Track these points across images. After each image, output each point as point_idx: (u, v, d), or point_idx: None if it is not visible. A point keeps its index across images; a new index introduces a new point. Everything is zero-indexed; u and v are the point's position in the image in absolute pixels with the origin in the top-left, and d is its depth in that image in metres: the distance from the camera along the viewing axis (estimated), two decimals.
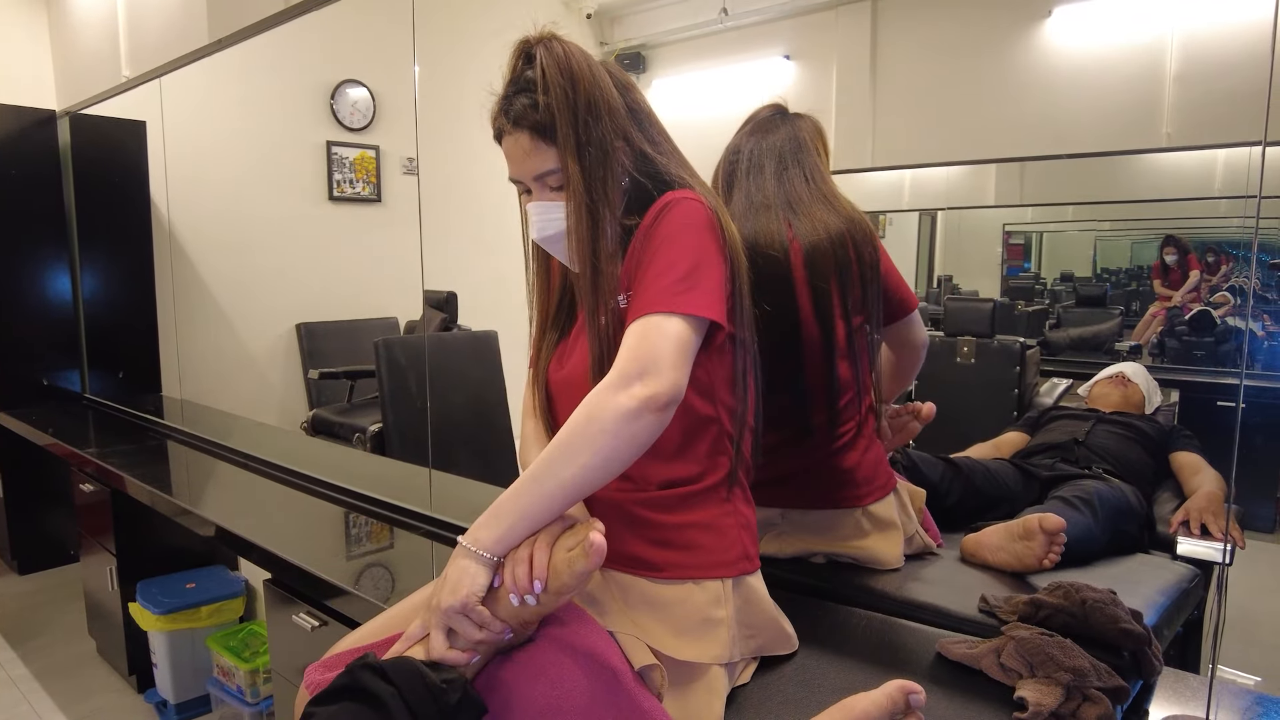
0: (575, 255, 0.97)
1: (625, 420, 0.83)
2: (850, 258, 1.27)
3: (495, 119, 0.99)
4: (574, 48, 0.97)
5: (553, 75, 0.93)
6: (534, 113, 0.94)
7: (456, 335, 3.39)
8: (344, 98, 3.89)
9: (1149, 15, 2.93)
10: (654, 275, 0.90)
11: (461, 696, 0.78)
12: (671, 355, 0.86)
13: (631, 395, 0.83)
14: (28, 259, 3.29)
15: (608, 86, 0.97)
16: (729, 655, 0.96)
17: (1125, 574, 1.41)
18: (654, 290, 0.89)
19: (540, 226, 0.99)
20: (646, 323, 0.88)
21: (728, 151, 1.40)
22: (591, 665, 0.85)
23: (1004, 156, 3.51)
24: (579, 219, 0.95)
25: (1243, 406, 1.10)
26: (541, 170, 0.96)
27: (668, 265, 0.90)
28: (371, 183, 4.01)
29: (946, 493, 1.62)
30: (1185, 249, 3.26)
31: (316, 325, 3.87)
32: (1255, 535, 2.58)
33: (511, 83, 0.98)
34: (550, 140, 0.95)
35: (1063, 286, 3.79)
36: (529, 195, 1.00)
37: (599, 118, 0.95)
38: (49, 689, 2.54)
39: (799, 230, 1.28)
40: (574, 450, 0.84)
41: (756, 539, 1.04)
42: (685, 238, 0.92)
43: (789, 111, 1.40)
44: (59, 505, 3.33)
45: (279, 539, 1.67)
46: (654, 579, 0.95)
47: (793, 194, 1.31)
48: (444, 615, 0.82)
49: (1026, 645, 0.98)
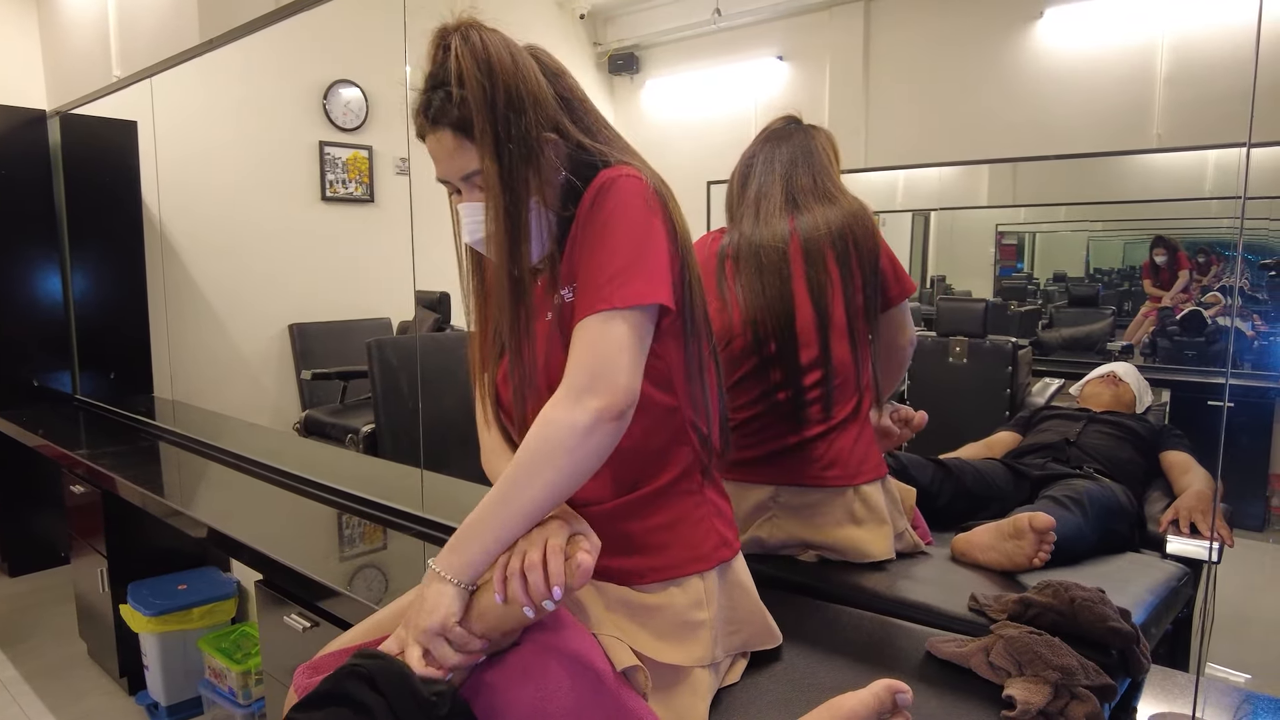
0: (494, 261, 0.91)
1: (582, 436, 0.82)
2: (850, 250, 1.33)
3: (415, 116, 0.93)
4: (494, 35, 0.90)
5: (469, 68, 0.87)
6: (452, 109, 0.89)
7: (449, 335, 3.39)
8: (336, 98, 3.88)
9: (1140, 17, 2.95)
10: (596, 267, 0.86)
11: (451, 708, 0.77)
12: (620, 359, 0.83)
13: (585, 409, 0.82)
14: (18, 259, 3.27)
15: (532, 76, 0.90)
16: (711, 656, 0.95)
17: (1115, 572, 1.42)
18: (595, 284, 0.86)
19: (471, 229, 0.93)
20: (592, 326, 0.84)
21: (743, 158, 1.45)
22: (576, 667, 0.85)
23: (997, 157, 3.53)
24: (497, 223, 0.89)
25: (1230, 406, 1.10)
26: (467, 170, 0.91)
27: (608, 255, 0.86)
28: (364, 183, 4.00)
29: (937, 494, 1.63)
30: (1175, 249, 3.28)
31: (309, 326, 3.86)
32: (1245, 534, 2.59)
33: (430, 76, 0.92)
34: (473, 136, 0.89)
35: (1055, 287, 3.81)
36: (459, 195, 0.95)
37: (521, 111, 0.88)
38: (40, 691, 2.53)
39: (800, 224, 1.34)
40: (536, 470, 0.82)
41: (733, 523, 1.03)
42: (624, 219, 0.87)
43: (803, 122, 1.45)
44: (50, 507, 3.31)
45: (271, 540, 1.67)
46: (632, 586, 0.94)
47: (797, 189, 1.37)
48: (422, 636, 0.81)
49: (1015, 644, 0.98)
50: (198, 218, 3.58)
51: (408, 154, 3.93)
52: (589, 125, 0.96)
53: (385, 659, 0.81)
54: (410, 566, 1.60)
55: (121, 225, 3.36)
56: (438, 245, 4.52)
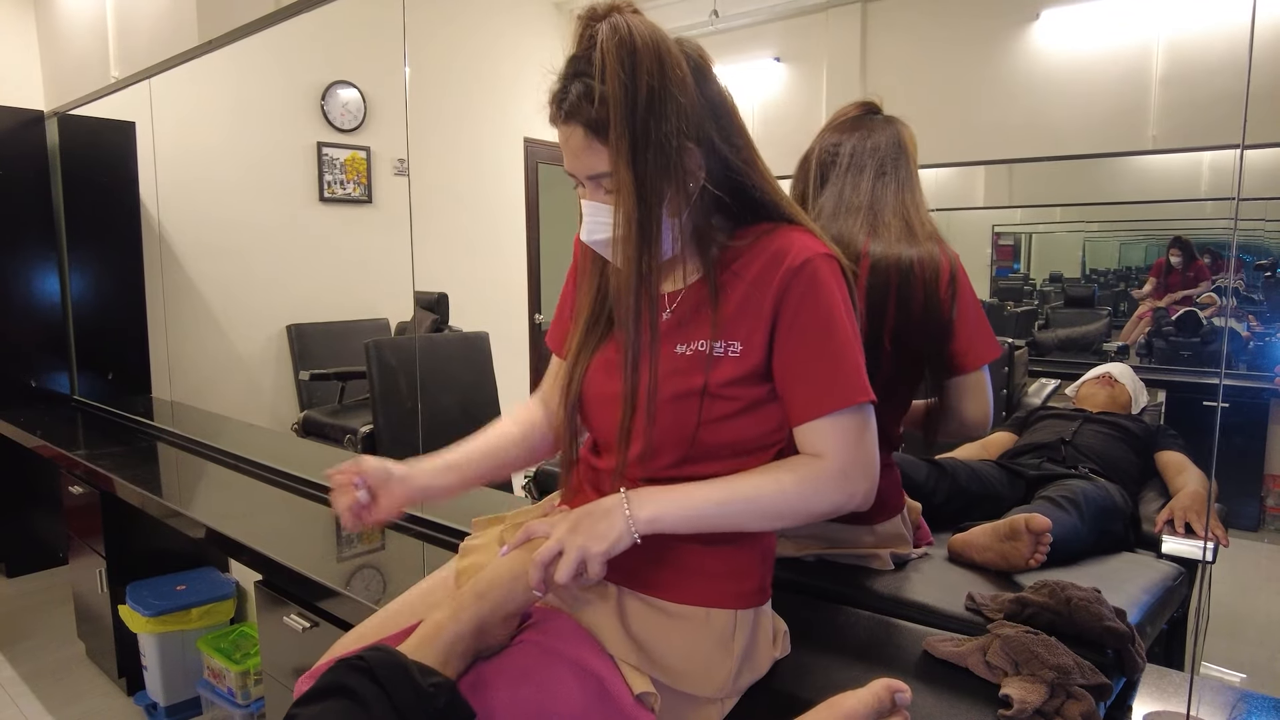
0: (620, 273, 0.88)
1: (834, 511, 0.89)
2: (915, 293, 1.24)
3: (550, 103, 0.88)
4: (642, 24, 0.84)
5: (612, 66, 0.81)
6: (588, 106, 0.84)
7: (447, 336, 3.39)
8: (335, 98, 3.88)
9: (1135, 19, 2.96)
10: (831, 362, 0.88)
11: (449, 700, 0.78)
12: (873, 453, 0.90)
13: (852, 497, 0.89)
14: (16, 260, 3.27)
15: (680, 76, 0.84)
16: (728, 690, 0.93)
17: (1110, 572, 1.42)
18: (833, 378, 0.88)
19: (590, 229, 0.91)
20: (857, 420, 0.88)
21: (826, 145, 1.34)
22: (578, 671, 0.85)
23: (993, 158, 3.54)
24: (628, 231, 0.86)
25: (1225, 406, 1.11)
26: (595, 171, 0.87)
27: (839, 351, 0.88)
28: (362, 184, 4.00)
29: (933, 492, 1.63)
30: (1192, 254, 3.28)
31: (307, 326, 3.86)
32: (1241, 533, 2.61)
33: (571, 61, 0.86)
34: (604, 139, 0.84)
35: (1052, 287, 3.82)
36: (583, 190, 0.91)
37: (663, 116, 0.83)
38: (38, 692, 2.53)
39: (874, 248, 1.25)
40: (778, 512, 0.88)
41: (772, 569, 1.01)
42: (841, 313, 0.88)
43: (882, 112, 1.36)
44: (48, 507, 3.31)
45: (269, 540, 1.67)
46: (659, 597, 0.92)
47: (880, 205, 1.28)
48: (584, 554, 0.83)
49: (1012, 643, 0.99)
50: (196, 218, 3.58)
51: (406, 155, 3.95)
52: (735, 140, 0.91)
53: (385, 651, 0.81)
54: (409, 567, 1.61)
55: (119, 226, 3.36)
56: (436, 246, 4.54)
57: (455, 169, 4.08)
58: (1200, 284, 3.25)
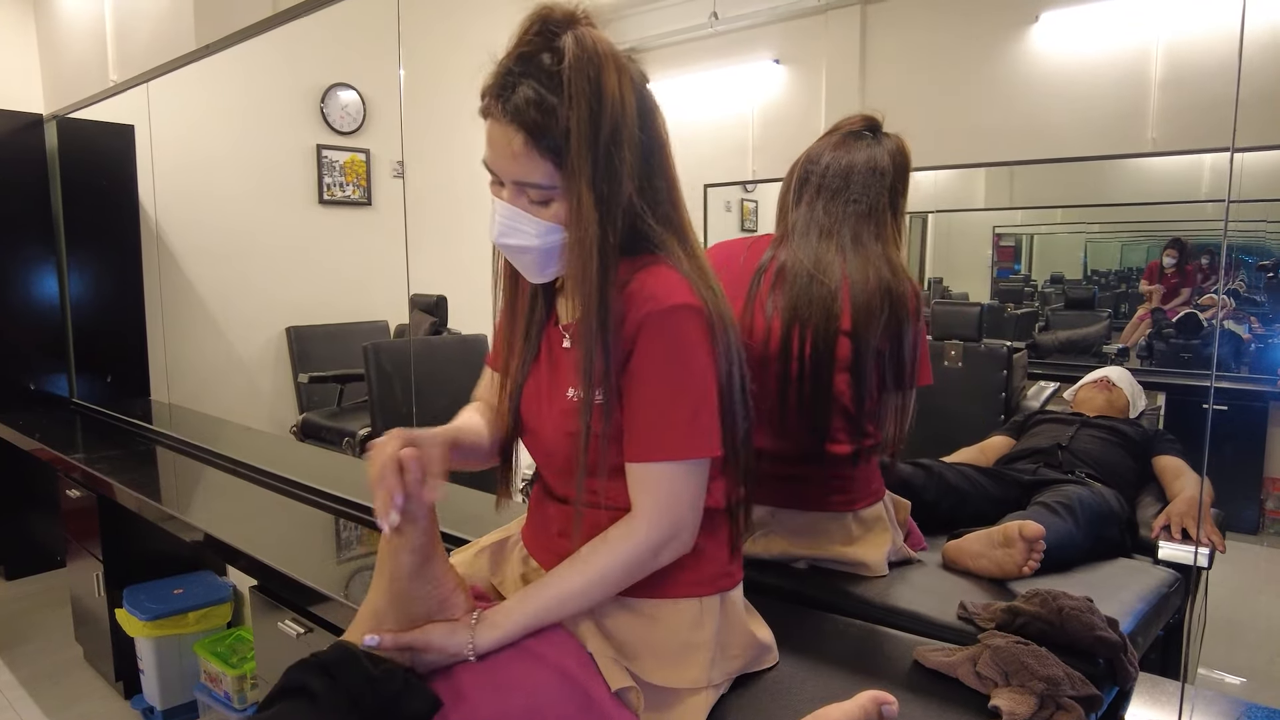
0: (579, 300, 0.86)
1: (650, 569, 0.91)
2: (882, 309, 1.27)
3: (486, 94, 0.84)
4: (606, 46, 0.81)
5: (579, 84, 0.79)
6: (538, 116, 0.80)
7: (446, 339, 3.39)
8: (334, 101, 3.89)
9: (1135, 21, 2.95)
10: (658, 412, 0.87)
11: (402, 688, 0.79)
12: (692, 513, 0.90)
13: (662, 560, 0.90)
14: (15, 263, 3.27)
15: (632, 110, 0.83)
16: (708, 679, 0.93)
17: (1106, 579, 1.42)
18: (658, 429, 0.87)
19: (503, 230, 0.88)
20: (671, 474, 0.88)
21: (808, 157, 1.36)
22: (561, 676, 0.85)
23: (993, 160, 3.53)
24: (585, 262, 0.83)
25: (1223, 409, 1.10)
26: (527, 180, 0.84)
27: (671, 402, 0.86)
28: (362, 186, 4.01)
29: (921, 488, 1.63)
30: (1187, 255, 3.27)
31: (306, 329, 3.87)
32: (1240, 537, 2.60)
33: (519, 59, 0.82)
34: (548, 154, 0.82)
35: (1053, 289, 3.81)
36: (501, 187, 0.88)
37: (621, 144, 0.82)
38: (35, 695, 2.53)
39: (851, 269, 1.28)
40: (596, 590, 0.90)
41: (739, 552, 1.02)
42: (689, 364, 0.86)
43: (879, 130, 1.36)
44: (46, 510, 3.31)
45: (266, 546, 1.67)
46: (626, 595, 0.93)
47: (855, 232, 1.30)
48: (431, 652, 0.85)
49: (1002, 654, 0.98)
50: (195, 221, 3.58)
51: (401, 157, 3.95)
52: (658, 185, 0.89)
53: (338, 646, 0.83)
54: None
55: (118, 229, 3.36)
56: (434, 248, 4.54)
57: (454, 171, 4.07)
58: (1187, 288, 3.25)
